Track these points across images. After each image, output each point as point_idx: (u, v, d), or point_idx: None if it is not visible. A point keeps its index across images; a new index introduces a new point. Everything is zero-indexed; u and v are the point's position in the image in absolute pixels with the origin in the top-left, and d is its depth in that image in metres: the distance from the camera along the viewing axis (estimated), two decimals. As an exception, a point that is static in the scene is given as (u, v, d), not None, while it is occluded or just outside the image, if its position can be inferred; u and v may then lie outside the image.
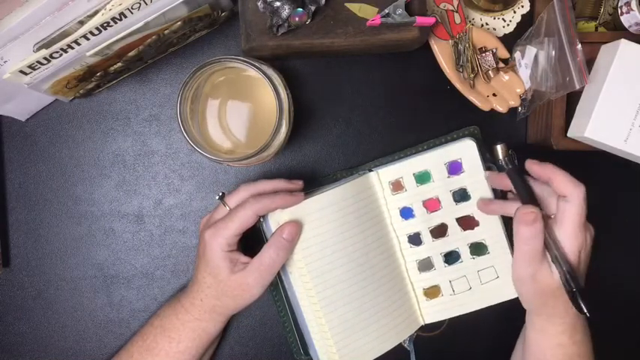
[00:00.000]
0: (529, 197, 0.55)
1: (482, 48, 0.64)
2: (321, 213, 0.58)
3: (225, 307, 0.57)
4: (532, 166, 0.56)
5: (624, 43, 0.56)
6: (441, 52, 0.64)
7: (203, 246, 0.56)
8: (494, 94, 0.65)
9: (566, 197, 0.53)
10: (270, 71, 0.56)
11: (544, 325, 0.56)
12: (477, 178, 0.62)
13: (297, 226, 0.56)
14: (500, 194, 0.62)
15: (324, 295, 0.58)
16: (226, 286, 0.55)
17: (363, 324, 0.60)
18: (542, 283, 0.53)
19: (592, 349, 0.57)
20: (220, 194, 0.58)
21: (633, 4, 0.59)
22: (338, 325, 0.59)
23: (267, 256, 0.55)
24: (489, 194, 0.62)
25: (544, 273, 0.53)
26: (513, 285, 0.58)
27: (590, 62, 0.60)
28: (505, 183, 0.58)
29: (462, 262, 0.63)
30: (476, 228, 0.63)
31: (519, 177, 0.57)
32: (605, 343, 0.66)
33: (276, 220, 0.57)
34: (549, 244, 0.53)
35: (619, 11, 0.61)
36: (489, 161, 0.62)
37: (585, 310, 0.51)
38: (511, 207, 0.56)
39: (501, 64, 0.64)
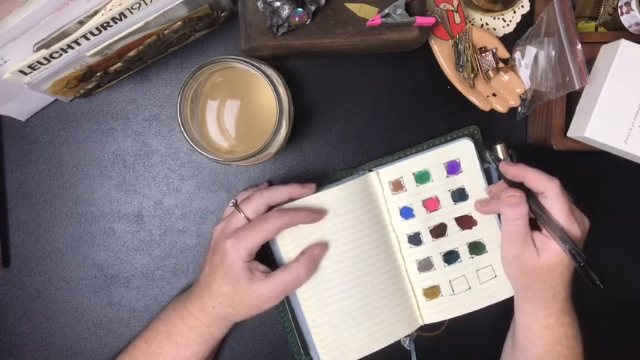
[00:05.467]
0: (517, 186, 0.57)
1: (482, 48, 0.64)
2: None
3: (238, 315, 0.57)
4: (506, 168, 0.58)
5: (624, 43, 0.56)
6: (441, 52, 0.64)
7: (222, 255, 0.55)
8: (494, 94, 0.65)
9: (543, 193, 0.55)
10: (270, 71, 0.56)
11: (532, 310, 0.57)
12: (474, 178, 0.62)
13: (325, 249, 0.58)
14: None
15: (315, 291, 0.59)
16: (245, 296, 0.55)
17: (356, 322, 0.60)
18: (526, 265, 0.56)
19: (580, 331, 0.58)
20: (234, 201, 0.57)
21: (633, 4, 0.59)
22: (328, 322, 0.59)
23: (295, 273, 0.55)
24: (486, 195, 0.62)
25: (528, 254, 0.55)
26: (502, 267, 0.60)
27: (590, 62, 0.60)
28: (517, 174, 0.57)
29: (461, 261, 0.63)
30: (474, 227, 0.63)
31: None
32: (606, 342, 0.66)
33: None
34: (552, 226, 0.54)
35: (619, 11, 0.61)
36: (489, 161, 0.62)
37: (598, 281, 0.52)
38: None
39: (501, 64, 0.64)
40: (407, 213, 0.63)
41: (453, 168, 0.62)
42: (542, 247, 0.55)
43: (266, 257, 0.59)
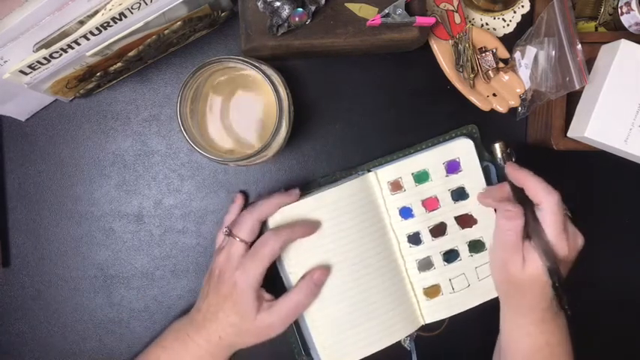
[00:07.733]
0: (515, 194, 0.57)
1: (482, 48, 0.64)
2: (319, 213, 0.59)
3: (244, 344, 0.57)
4: (511, 170, 0.58)
5: (624, 43, 0.56)
6: (441, 52, 0.64)
7: (232, 286, 0.54)
8: (494, 94, 0.65)
9: (539, 205, 0.54)
10: (270, 71, 0.56)
11: (513, 317, 0.58)
12: (474, 177, 0.62)
13: (326, 272, 0.57)
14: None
15: None
16: (252, 326, 0.55)
17: (356, 322, 0.60)
18: (509, 273, 0.56)
19: (566, 338, 0.58)
20: (227, 230, 0.57)
21: (633, 4, 0.59)
22: (329, 322, 0.59)
23: (295, 299, 0.56)
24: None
25: (515, 263, 0.55)
26: (490, 269, 0.61)
27: (590, 62, 0.60)
28: (519, 179, 0.57)
29: (460, 260, 0.63)
30: (474, 226, 0.63)
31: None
32: (605, 342, 0.66)
33: (276, 224, 0.58)
34: (539, 239, 0.54)
35: (619, 11, 0.61)
36: (491, 161, 0.62)
37: (567, 306, 0.52)
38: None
39: (501, 64, 0.64)
40: (406, 213, 0.63)
41: (452, 167, 0.62)
42: (528, 257, 0.54)
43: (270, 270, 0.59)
